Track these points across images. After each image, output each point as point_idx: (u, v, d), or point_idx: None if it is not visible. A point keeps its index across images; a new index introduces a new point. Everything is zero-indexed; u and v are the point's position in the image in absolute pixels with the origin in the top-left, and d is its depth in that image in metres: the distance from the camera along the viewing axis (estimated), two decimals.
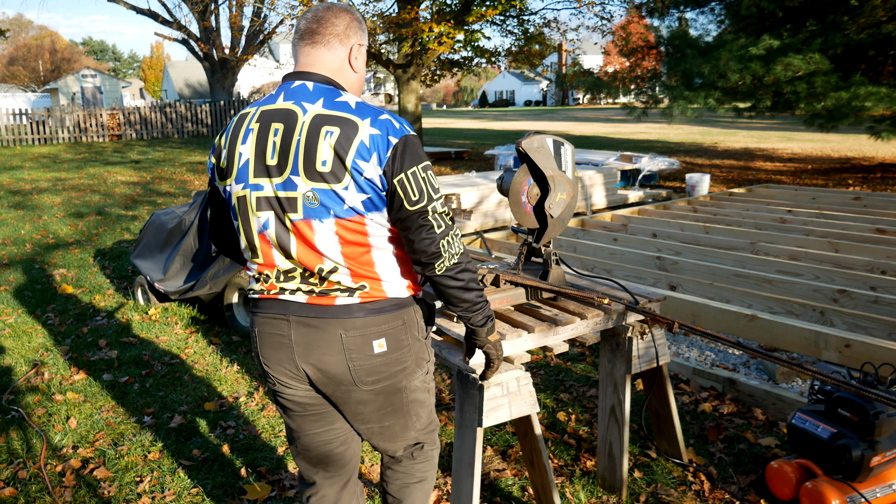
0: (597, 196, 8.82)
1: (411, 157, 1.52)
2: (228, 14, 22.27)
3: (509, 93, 66.00)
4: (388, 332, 1.61)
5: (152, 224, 5.18)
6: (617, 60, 23.90)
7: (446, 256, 1.55)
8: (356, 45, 1.67)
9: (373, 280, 1.59)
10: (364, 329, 1.59)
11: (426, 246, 1.53)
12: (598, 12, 14.40)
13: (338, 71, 1.65)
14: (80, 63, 54.80)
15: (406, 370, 1.68)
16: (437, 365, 3.84)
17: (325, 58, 1.64)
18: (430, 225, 1.53)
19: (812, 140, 17.91)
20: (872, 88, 9.08)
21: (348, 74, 1.67)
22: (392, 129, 1.53)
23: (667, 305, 4.15)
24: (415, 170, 1.52)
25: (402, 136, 1.52)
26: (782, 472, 2.46)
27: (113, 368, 3.89)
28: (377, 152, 1.50)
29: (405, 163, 1.51)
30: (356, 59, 1.68)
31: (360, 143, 1.50)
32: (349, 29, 1.65)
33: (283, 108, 1.57)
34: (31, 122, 19.06)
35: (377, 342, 1.60)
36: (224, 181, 1.66)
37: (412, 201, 1.51)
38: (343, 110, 1.54)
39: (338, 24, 1.64)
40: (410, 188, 1.51)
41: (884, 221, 6.31)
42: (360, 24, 1.68)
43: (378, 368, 1.62)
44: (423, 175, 1.53)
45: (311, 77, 1.61)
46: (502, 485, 2.66)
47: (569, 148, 2.41)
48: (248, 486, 2.67)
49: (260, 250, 1.62)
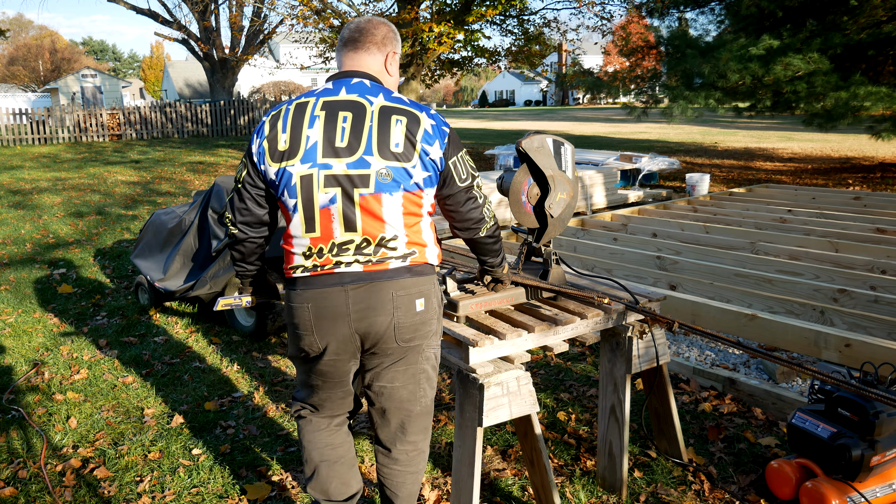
0: (597, 196, 8.82)
1: (457, 144, 1.89)
2: (228, 14, 22.26)
3: (509, 93, 65.99)
4: (426, 292, 1.88)
5: (152, 224, 5.18)
6: (617, 60, 23.91)
7: (488, 220, 1.98)
8: (391, 53, 1.97)
9: (420, 246, 1.87)
10: (410, 289, 1.84)
11: (475, 214, 1.95)
12: (598, 12, 14.42)
13: (379, 73, 1.95)
14: (80, 63, 54.78)
15: (431, 332, 1.93)
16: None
17: (367, 62, 1.93)
18: (475, 197, 1.94)
19: (812, 140, 17.91)
20: (872, 88, 9.08)
21: (386, 77, 1.97)
22: (441, 122, 1.88)
23: (667, 305, 4.15)
24: (462, 154, 1.90)
25: (449, 128, 1.89)
26: (782, 472, 2.46)
27: (113, 368, 3.89)
28: (438, 139, 1.84)
29: (456, 149, 1.88)
30: (391, 65, 1.98)
31: (424, 131, 1.82)
32: (385, 38, 1.95)
33: (350, 99, 1.84)
34: (32, 121, 19.06)
35: (419, 301, 1.86)
36: (286, 162, 1.81)
37: (462, 179, 1.90)
38: (402, 104, 1.85)
39: (377, 34, 1.94)
40: (462, 168, 1.89)
41: (884, 221, 6.31)
42: (394, 35, 1.99)
43: (416, 326, 1.87)
44: (466, 158, 1.92)
45: (364, 76, 1.90)
46: (502, 484, 2.66)
47: (569, 148, 2.41)
48: (248, 486, 2.67)
49: (319, 224, 1.81)
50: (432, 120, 1.84)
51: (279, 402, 3.44)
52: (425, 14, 13.69)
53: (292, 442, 3.04)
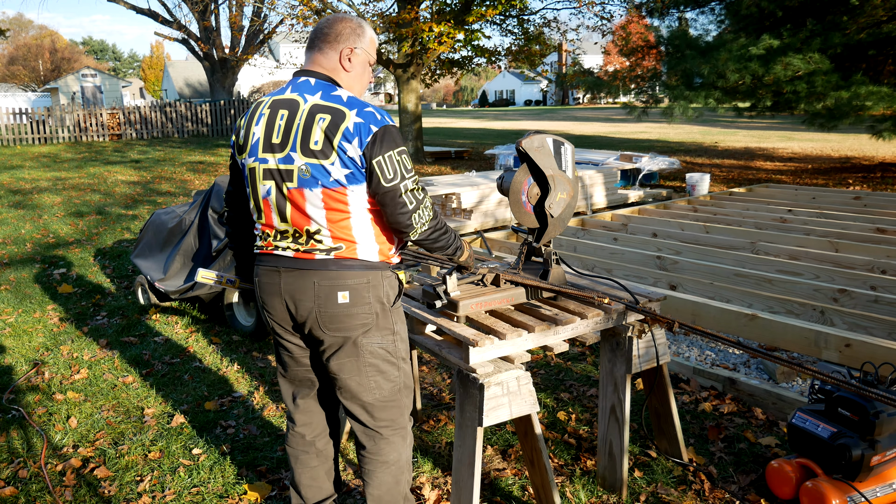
0: (597, 196, 8.82)
1: (388, 143, 1.85)
2: (228, 14, 22.26)
3: (509, 92, 65.98)
4: (353, 286, 1.92)
5: (152, 223, 5.18)
6: (617, 60, 23.90)
7: (418, 227, 1.91)
8: (348, 49, 1.98)
9: (349, 243, 1.91)
10: (333, 281, 1.91)
11: (401, 218, 1.88)
12: (598, 12, 14.41)
13: (333, 70, 1.98)
14: (80, 63, 54.78)
15: (365, 325, 1.95)
16: (437, 364, 3.84)
17: (320, 60, 1.98)
18: (403, 201, 1.87)
19: (812, 140, 17.91)
20: (873, 88, 9.08)
21: (342, 74, 1.99)
22: (374, 120, 1.85)
23: (667, 305, 4.15)
24: (391, 153, 1.85)
25: (381, 126, 1.85)
26: (782, 472, 2.46)
27: (113, 368, 3.89)
28: (359, 137, 1.83)
29: (382, 147, 1.84)
30: (347, 61, 1.98)
31: (345, 129, 1.83)
32: (340, 36, 1.98)
33: (290, 98, 1.93)
34: (32, 121, 19.06)
35: (341, 293, 1.91)
36: (241, 155, 2.02)
37: (387, 179, 1.84)
38: (336, 102, 1.88)
39: (330, 32, 1.98)
40: (386, 168, 1.84)
41: (884, 221, 6.31)
42: (353, 32, 1.99)
43: (337, 318, 1.93)
44: (397, 158, 1.86)
45: (313, 74, 1.97)
46: (502, 484, 2.66)
47: (569, 147, 2.41)
48: (248, 486, 2.67)
49: (263, 212, 1.98)
50: (360, 118, 1.83)
51: (279, 402, 3.44)
52: (425, 14, 13.68)
53: None
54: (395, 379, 2.05)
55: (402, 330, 2.08)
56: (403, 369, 2.08)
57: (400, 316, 2.07)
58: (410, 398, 2.14)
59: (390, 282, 2.01)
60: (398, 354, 2.05)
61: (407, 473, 2.15)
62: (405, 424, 2.12)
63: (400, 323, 2.06)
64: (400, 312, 2.08)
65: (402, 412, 2.10)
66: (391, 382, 2.04)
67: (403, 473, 2.14)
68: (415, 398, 3.22)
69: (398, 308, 2.06)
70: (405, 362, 2.08)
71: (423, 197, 1.91)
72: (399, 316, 2.07)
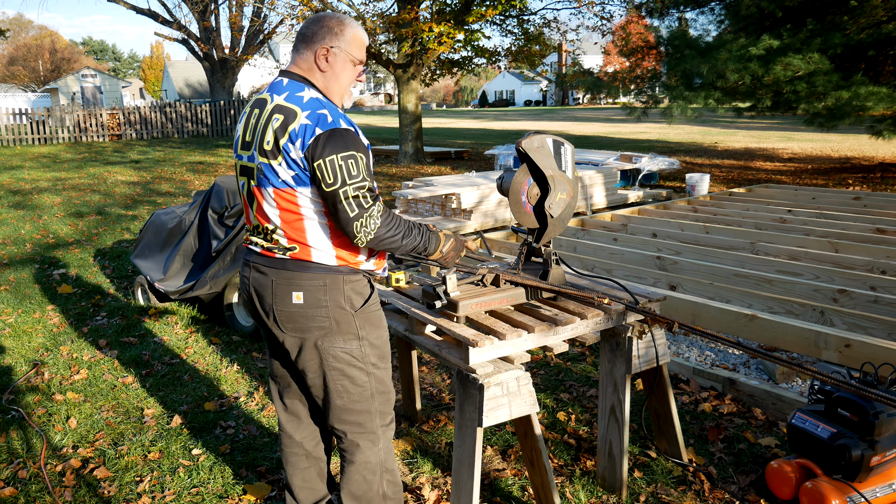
0: (597, 196, 8.82)
1: (333, 146, 1.79)
2: (228, 14, 22.27)
3: (509, 93, 65.98)
4: (308, 287, 1.91)
5: (152, 224, 5.18)
6: (617, 60, 23.91)
7: (361, 235, 1.84)
8: (322, 49, 1.95)
9: (302, 245, 1.91)
10: (289, 280, 1.91)
11: (342, 225, 1.84)
12: (597, 12, 14.41)
13: (309, 71, 1.97)
14: (80, 63, 54.79)
15: (323, 329, 1.93)
16: (437, 365, 3.84)
17: (298, 60, 1.99)
18: (344, 207, 1.81)
19: (812, 140, 17.91)
20: (873, 88, 9.08)
21: (317, 74, 1.97)
22: (323, 122, 1.81)
23: (667, 305, 4.15)
24: (333, 157, 1.79)
25: (328, 129, 1.80)
26: (782, 472, 2.46)
27: (113, 368, 3.89)
28: (301, 138, 1.81)
29: (325, 150, 1.79)
30: (323, 60, 1.95)
31: (292, 130, 1.82)
32: (316, 35, 1.95)
33: (263, 97, 1.96)
34: (31, 121, 19.06)
35: (295, 294, 1.91)
36: (234, 153, 2.08)
37: (328, 184, 1.80)
38: (294, 103, 1.87)
39: (307, 33, 1.97)
40: (326, 172, 1.79)
41: (884, 221, 6.31)
42: (330, 31, 1.95)
43: (294, 318, 1.93)
44: (340, 163, 1.79)
45: (288, 74, 1.98)
46: (502, 485, 2.66)
47: (569, 148, 2.41)
48: (248, 486, 2.67)
49: (245, 206, 2.05)
50: (309, 119, 1.81)
51: None
52: (425, 14, 13.68)
53: None
54: (364, 384, 2.01)
55: (374, 335, 2.02)
56: (375, 375, 2.03)
57: (371, 320, 2.01)
58: (386, 404, 2.08)
59: (355, 286, 1.96)
60: (366, 360, 2.00)
61: (381, 475, 2.10)
62: (374, 430, 2.06)
63: (370, 328, 2.00)
64: (372, 317, 2.01)
65: (372, 417, 2.05)
66: (359, 387, 2.01)
67: (375, 475, 2.08)
68: (415, 398, 3.22)
69: (369, 312, 2.00)
70: (378, 368, 2.04)
71: (369, 205, 1.83)
72: (369, 320, 2.00)
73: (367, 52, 2.10)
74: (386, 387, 2.08)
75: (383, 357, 2.06)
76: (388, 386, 2.09)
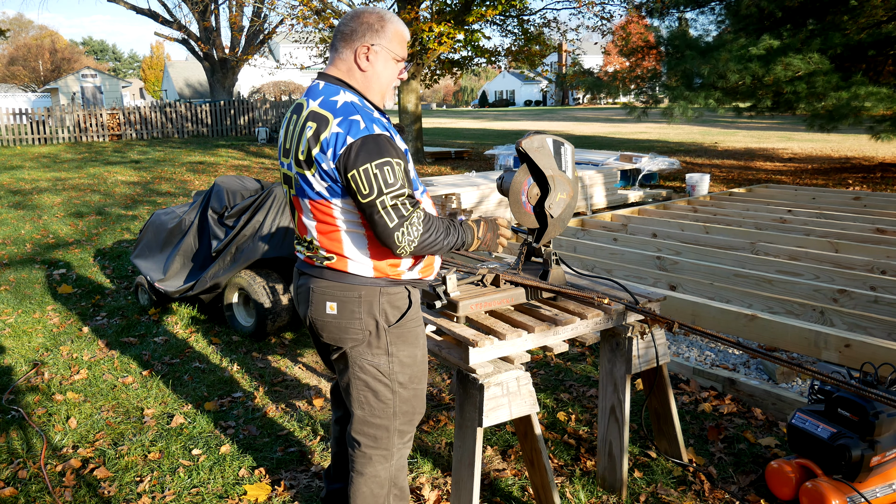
0: (597, 196, 8.82)
1: (366, 154, 1.70)
2: (228, 14, 22.27)
3: (509, 93, 65.98)
4: (342, 298, 1.86)
5: (152, 224, 5.18)
6: (617, 60, 23.90)
7: (403, 245, 1.76)
8: (363, 47, 1.85)
9: (339, 256, 1.85)
10: (324, 290, 1.88)
11: (382, 236, 1.76)
12: (598, 12, 14.41)
13: (347, 72, 1.88)
14: (80, 63, 54.78)
15: (355, 340, 1.89)
16: (437, 365, 3.84)
17: (336, 61, 1.89)
18: (383, 218, 1.73)
19: (812, 140, 17.91)
20: (873, 88, 9.08)
21: (357, 73, 1.87)
22: (356, 129, 1.72)
23: (667, 305, 4.15)
24: (367, 166, 1.70)
25: (360, 136, 1.71)
26: (782, 472, 2.46)
27: (113, 368, 3.89)
28: (333, 148, 1.72)
29: (358, 160, 1.70)
30: (365, 60, 1.86)
31: (324, 139, 1.74)
32: (356, 33, 1.85)
33: (300, 102, 1.88)
34: (32, 121, 19.06)
35: (329, 304, 1.87)
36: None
37: (363, 195, 1.72)
38: (328, 109, 1.78)
39: (345, 29, 1.86)
40: (361, 183, 1.71)
41: (884, 221, 6.31)
42: (370, 27, 1.85)
43: (328, 328, 1.90)
44: (374, 171, 1.70)
45: (324, 77, 1.89)
46: (502, 485, 2.66)
47: (569, 148, 2.41)
48: (248, 487, 2.67)
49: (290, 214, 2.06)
50: (340, 128, 1.72)
51: (279, 402, 3.44)
52: (425, 14, 13.69)
53: (292, 442, 3.04)
54: (388, 401, 1.95)
55: (406, 353, 1.93)
56: (401, 394, 1.95)
57: (405, 337, 1.92)
58: (408, 424, 2.01)
59: (392, 299, 1.88)
60: (393, 377, 1.93)
61: (389, 489, 2.05)
62: (389, 447, 2.00)
63: (402, 345, 1.92)
64: (407, 334, 1.92)
65: (390, 435, 1.98)
66: (382, 403, 1.94)
67: (383, 489, 2.03)
68: None
69: (404, 329, 1.92)
70: (405, 388, 1.95)
71: (409, 212, 1.75)
72: (403, 337, 1.92)
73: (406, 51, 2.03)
74: (411, 407, 2.00)
75: (414, 378, 1.98)
76: (413, 406, 2.01)
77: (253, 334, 4.29)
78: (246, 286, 4.22)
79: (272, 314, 4.16)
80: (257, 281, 4.19)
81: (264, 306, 4.13)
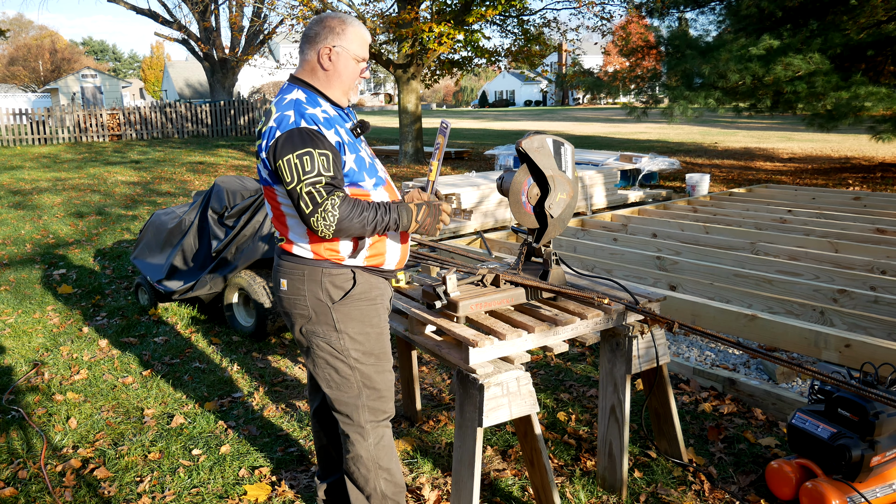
0: (597, 196, 8.83)
1: (289, 146, 1.85)
2: (228, 14, 22.27)
3: (509, 93, 65.97)
4: (290, 276, 2.03)
5: (152, 224, 5.18)
6: (617, 60, 23.90)
7: (321, 229, 1.87)
8: (325, 48, 1.99)
9: (287, 239, 2.03)
10: (279, 267, 2.07)
11: (304, 221, 1.90)
12: (598, 12, 14.41)
13: (311, 72, 2.02)
14: (80, 63, 54.81)
15: (305, 317, 2.05)
16: (437, 365, 3.84)
17: (302, 62, 2.05)
18: (300, 204, 1.87)
19: (812, 140, 17.91)
20: (873, 88, 9.08)
21: (320, 73, 2.02)
22: (285, 123, 1.88)
23: (667, 305, 4.15)
24: (289, 156, 1.85)
25: (287, 130, 1.87)
26: (782, 472, 2.46)
27: (113, 368, 3.89)
28: (266, 140, 1.91)
29: (283, 151, 1.86)
30: (327, 60, 2.00)
31: (264, 131, 1.93)
32: (318, 36, 2.00)
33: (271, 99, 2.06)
34: (32, 122, 19.05)
35: (282, 280, 2.06)
36: None
37: (286, 182, 1.87)
38: (275, 105, 1.95)
39: (309, 34, 2.02)
40: (284, 172, 1.86)
41: (884, 221, 6.31)
42: (331, 30, 1.99)
43: (283, 303, 2.08)
44: (295, 161, 1.85)
45: (291, 78, 2.05)
46: (502, 485, 2.66)
47: (569, 148, 2.41)
48: (248, 487, 2.67)
49: None
50: (275, 122, 1.90)
51: (279, 402, 3.44)
52: (425, 14, 13.68)
53: (292, 442, 3.04)
54: (349, 376, 2.08)
55: (355, 329, 2.05)
56: (360, 370, 2.07)
57: (352, 314, 2.03)
58: (377, 401, 2.12)
59: (334, 279, 2.00)
60: (347, 353, 2.05)
61: (376, 472, 2.15)
62: (362, 424, 2.11)
63: (350, 321, 2.03)
64: (353, 311, 2.03)
65: (360, 412, 2.10)
66: (344, 379, 2.08)
67: (370, 471, 2.14)
68: (415, 398, 3.22)
69: (350, 306, 2.03)
70: (362, 363, 2.07)
71: (323, 199, 1.84)
72: (349, 314, 2.03)
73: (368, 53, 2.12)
74: (373, 383, 2.10)
75: (369, 353, 2.08)
76: (376, 383, 2.11)
77: (253, 334, 4.29)
78: (246, 286, 4.22)
79: (272, 314, 4.16)
80: (257, 281, 4.19)
81: (264, 306, 4.13)
